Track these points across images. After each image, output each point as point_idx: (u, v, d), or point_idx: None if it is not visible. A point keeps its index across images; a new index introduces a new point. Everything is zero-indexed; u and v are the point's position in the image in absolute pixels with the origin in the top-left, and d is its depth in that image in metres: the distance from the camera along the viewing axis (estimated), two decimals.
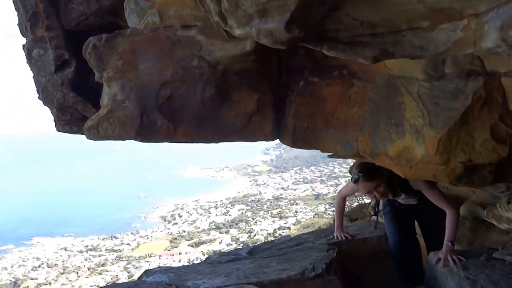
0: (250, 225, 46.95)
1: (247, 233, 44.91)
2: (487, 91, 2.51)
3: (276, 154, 78.08)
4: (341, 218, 4.39)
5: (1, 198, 56.79)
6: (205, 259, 4.75)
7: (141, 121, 3.07)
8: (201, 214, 53.14)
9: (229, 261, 4.29)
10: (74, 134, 3.61)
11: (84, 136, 3.26)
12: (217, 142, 3.26)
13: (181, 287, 3.43)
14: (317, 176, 61.17)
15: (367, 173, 3.50)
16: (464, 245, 5.08)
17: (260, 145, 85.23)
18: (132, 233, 48.83)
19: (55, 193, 62.98)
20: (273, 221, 47.00)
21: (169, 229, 50.01)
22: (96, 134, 3.12)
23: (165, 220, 53.43)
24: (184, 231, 48.29)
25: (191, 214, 53.53)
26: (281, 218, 47.75)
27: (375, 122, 2.91)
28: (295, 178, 62.14)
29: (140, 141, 3.07)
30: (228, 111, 3.20)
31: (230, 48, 3.16)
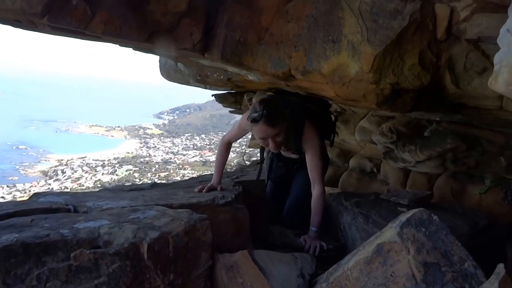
0: None
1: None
2: (422, 15, 2.48)
3: (169, 119, 76.55)
4: (222, 169, 3.65)
5: None
6: (101, 189, 4.27)
7: None
8: (86, 172, 50.12)
9: (131, 190, 3.89)
10: None
11: None
12: (139, 41, 2.76)
13: (80, 207, 2.95)
14: (206, 144, 61.46)
15: (272, 115, 2.87)
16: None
17: (154, 109, 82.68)
18: (8, 186, 44.26)
19: None
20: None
21: (50, 184, 46.33)
22: None
23: (46, 175, 49.38)
24: (67, 188, 45.14)
25: (75, 171, 50.21)
26: (168, 181, 47.03)
27: (312, 37, 2.73)
28: (186, 144, 61.70)
29: (48, 21, 2.42)
30: (157, 7, 2.69)
31: None
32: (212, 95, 8.67)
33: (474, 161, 3.98)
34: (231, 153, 3.92)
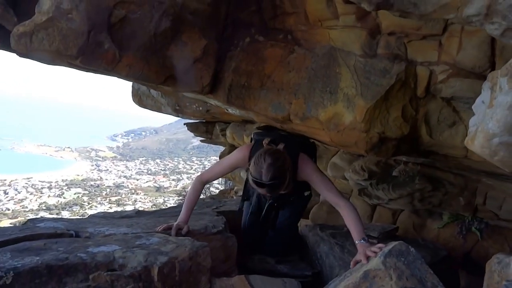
0: (85, 209, 43.76)
1: (80, 217, 41.61)
2: (406, 75, 2.93)
3: (124, 141, 74.84)
4: (192, 208, 3.39)
5: None
6: (90, 216, 4.36)
7: (87, 39, 2.63)
8: (31, 194, 47.76)
9: (122, 217, 4.03)
10: None
11: None
12: (155, 83, 3.01)
13: (82, 233, 3.09)
14: (161, 169, 60.55)
15: (277, 185, 2.84)
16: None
17: (108, 131, 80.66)
18: None
19: None
20: (109, 207, 44.60)
21: None
22: (28, 44, 2.56)
23: None
24: (8, 209, 42.76)
25: (19, 192, 47.71)
26: (118, 205, 45.69)
27: (311, 87, 3.10)
28: (139, 168, 60.47)
29: (80, 63, 2.61)
30: (175, 51, 3.00)
31: None
32: (184, 124, 8.90)
33: (438, 200, 4.46)
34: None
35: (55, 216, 29.84)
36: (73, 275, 2.32)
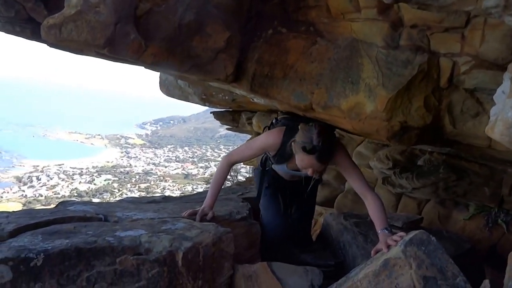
0: (115, 197, 44.81)
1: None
2: (429, 66, 2.94)
3: (152, 129, 76.12)
4: (218, 192, 3.36)
5: None
6: (118, 200, 4.55)
7: (114, 30, 2.75)
8: (63, 180, 49.20)
9: (149, 202, 4.18)
10: (15, 35, 3.11)
11: None
12: (179, 72, 3.13)
13: (110, 217, 3.23)
14: (189, 157, 61.29)
15: (327, 152, 2.87)
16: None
17: (137, 119, 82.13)
18: None
19: None
20: (139, 195, 45.58)
21: (23, 191, 45.42)
22: (57, 35, 2.69)
23: (20, 182, 48.27)
24: (41, 196, 44.28)
25: (51, 179, 49.23)
26: (148, 192, 46.62)
27: (333, 78, 3.15)
28: (168, 156, 61.39)
29: (107, 52, 2.74)
30: (199, 43, 3.10)
31: None
32: (211, 112, 9.05)
33: (463, 190, 4.44)
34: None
35: None
36: (101, 258, 2.43)
